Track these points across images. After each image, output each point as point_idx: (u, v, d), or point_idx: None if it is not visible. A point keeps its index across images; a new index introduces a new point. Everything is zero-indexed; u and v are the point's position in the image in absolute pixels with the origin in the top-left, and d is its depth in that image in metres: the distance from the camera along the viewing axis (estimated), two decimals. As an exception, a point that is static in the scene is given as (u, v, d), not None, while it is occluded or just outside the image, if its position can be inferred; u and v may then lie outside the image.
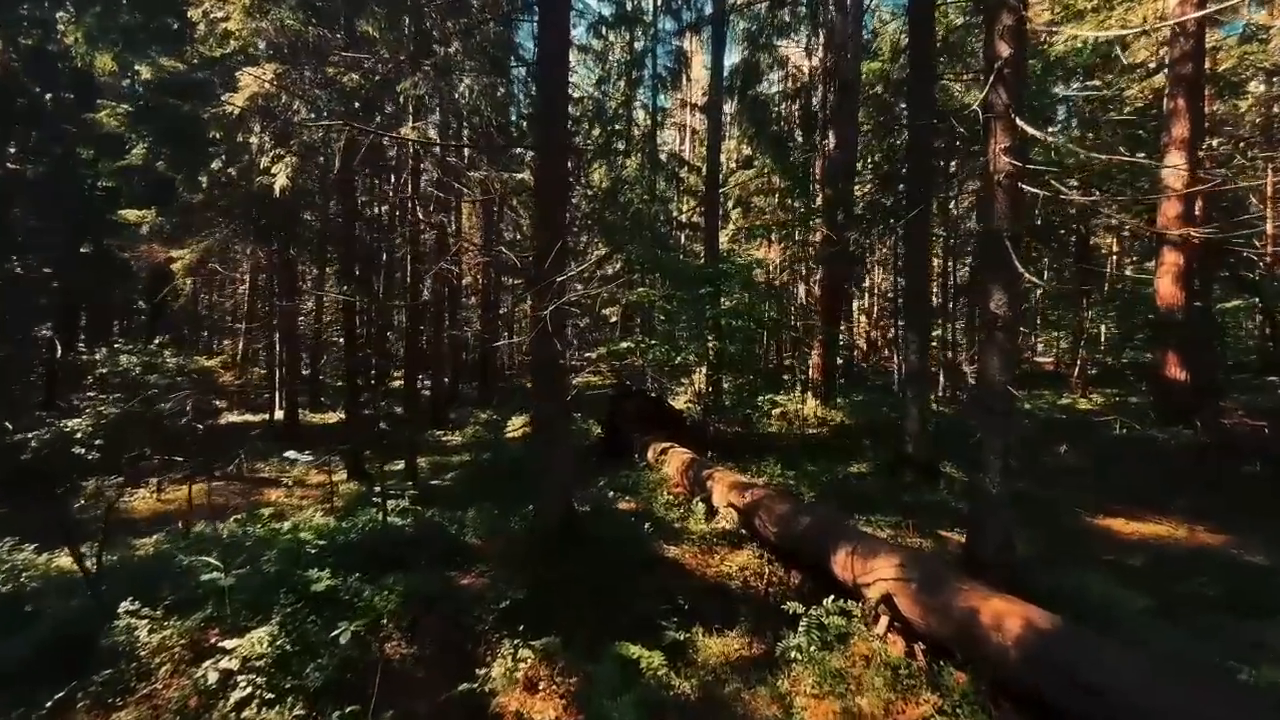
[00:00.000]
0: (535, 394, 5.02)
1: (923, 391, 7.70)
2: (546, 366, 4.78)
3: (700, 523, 6.09)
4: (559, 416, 4.82)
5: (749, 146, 19.78)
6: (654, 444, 8.62)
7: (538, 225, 5.04)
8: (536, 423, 4.75)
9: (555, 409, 4.79)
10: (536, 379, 4.93)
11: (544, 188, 4.91)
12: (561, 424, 4.86)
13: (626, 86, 21.29)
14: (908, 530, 6.06)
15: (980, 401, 4.41)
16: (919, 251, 7.58)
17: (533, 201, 7.60)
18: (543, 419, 4.87)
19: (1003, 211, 4.23)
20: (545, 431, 4.82)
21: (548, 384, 4.80)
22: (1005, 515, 4.32)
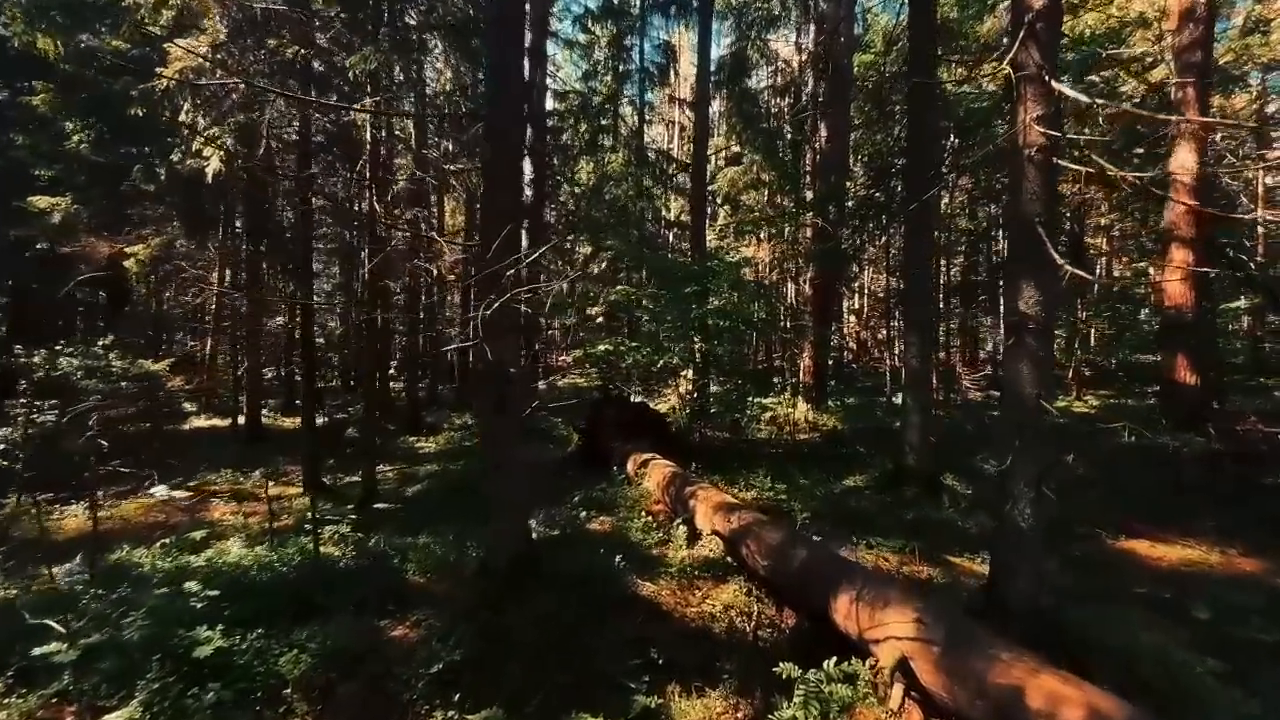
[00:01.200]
0: (483, 408, 4.24)
1: (924, 398, 7.00)
2: (495, 374, 4.00)
3: (681, 549, 5.34)
4: (511, 434, 4.05)
5: (738, 143, 19.08)
6: (635, 455, 7.86)
7: (484, 206, 4.26)
8: (485, 442, 3.95)
9: (506, 426, 4.02)
10: (483, 390, 4.15)
11: (493, 161, 4.12)
12: (514, 443, 4.09)
13: (613, 81, 20.52)
14: (913, 557, 5.35)
15: (1008, 418, 3.68)
16: (921, 245, 6.88)
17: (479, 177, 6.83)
18: (491, 438, 4.09)
19: (1035, 192, 3.51)
20: (495, 452, 4.05)
21: (499, 399, 4.02)
22: (1038, 556, 3.60)
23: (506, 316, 4.05)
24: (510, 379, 4.05)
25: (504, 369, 4.02)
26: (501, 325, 4.02)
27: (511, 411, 4.08)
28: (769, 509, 6.58)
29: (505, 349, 4.04)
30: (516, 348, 4.17)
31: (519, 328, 4.02)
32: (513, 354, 4.09)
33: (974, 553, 5.51)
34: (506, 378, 4.04)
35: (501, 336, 4.03)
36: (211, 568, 4.41)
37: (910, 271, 7.07)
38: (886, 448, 9.48)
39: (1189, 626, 4.14)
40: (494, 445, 4.06)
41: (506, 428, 4.04)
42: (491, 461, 4.08)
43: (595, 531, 5.88)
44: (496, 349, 4.03)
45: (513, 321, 4.05)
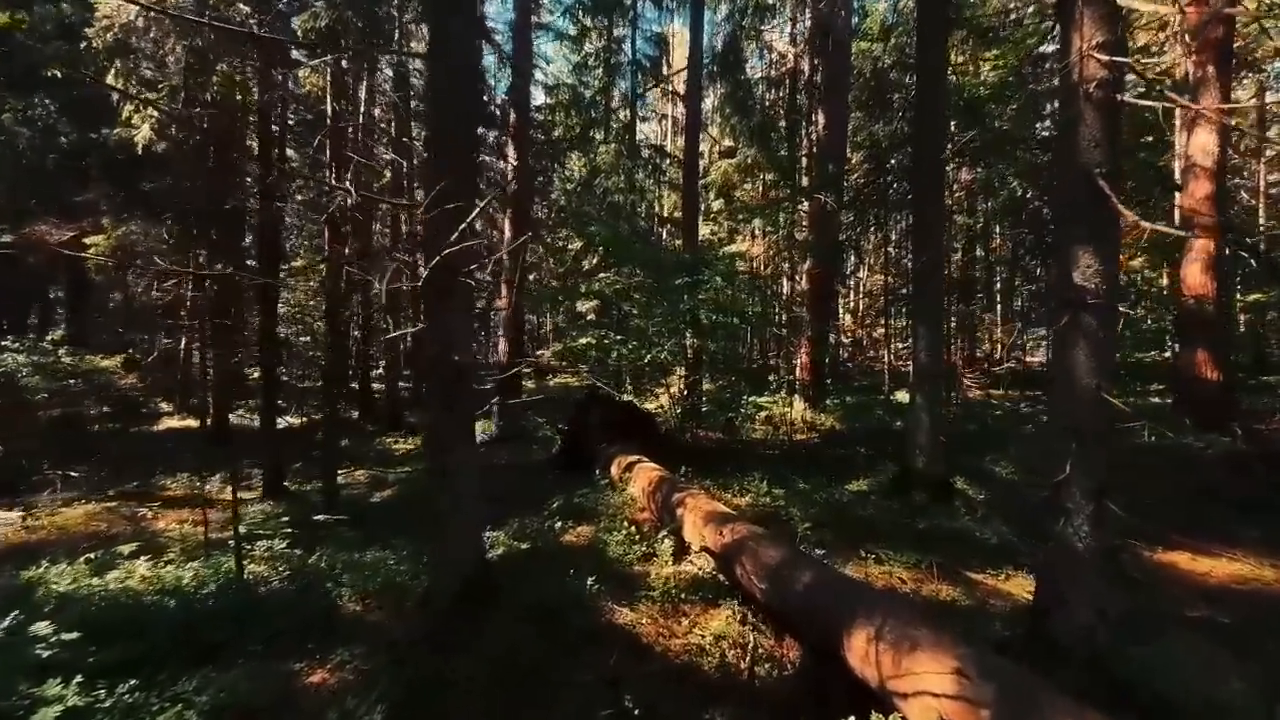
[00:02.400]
0: (431, 408, 3.52)
1: (935, 396, 6.32)
2: (444, 368, 3.29)
3: (666, 564, 4.64)
4: (460, 436, 3.34)
5: (731, 136, 18.41)
6: (620, 457, 7.15)
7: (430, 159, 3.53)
8: (429, 445, 3.23)
9: (455, 425, 3.31)
10: (431, 386, 3.43)
11: (439, 100, 3.40)
12: (464, 447, 3.37)
13: (604, 74, 19.82)
14: (930, 573, 4.65)
15: (1060, 416, 2.99)
16: (929, 228, 6.19)
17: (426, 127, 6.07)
18: (437, 439, 3.38)
19: (1094, 137, 2.82)
20: (441, 457, 3.33)
21: (446, 393, 3.31)
22: (1098, 584, 2.90)
23: (457, 296, 3.33)
24: (461, 369, 3.34)
25: (453, 357, 3.30)
26: (450, 305, 3.31)
27: (462, 408, 3.36)
28: (766, 518, 5.88)
29: (455, 333, 3.32)
30: (468, 332, 3.45)
31: (470, 307, 3.30)
32: (464, 339, 3.37)
33: (996, 567, 4.82)
34: (456, 367, 3.32)
35: (450, 318, 3.31)
36: (107, 595, 3.67)
37: (918, 258, 6.38)
38: (890, 449, 8.79)
39: (1263, 660, 3.46)
40: (440, 449, 3.34)
41: (455, 427, 3.33)
42: (436, 468, 3.36)
43: (571, 544, 5.17)
44: (444, 333, 3.32)
45: (464, 301, 3.33)
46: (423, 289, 3.20)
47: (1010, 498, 6.63)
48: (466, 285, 3.28)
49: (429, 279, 3.15)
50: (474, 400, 3.44)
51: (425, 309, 3.18)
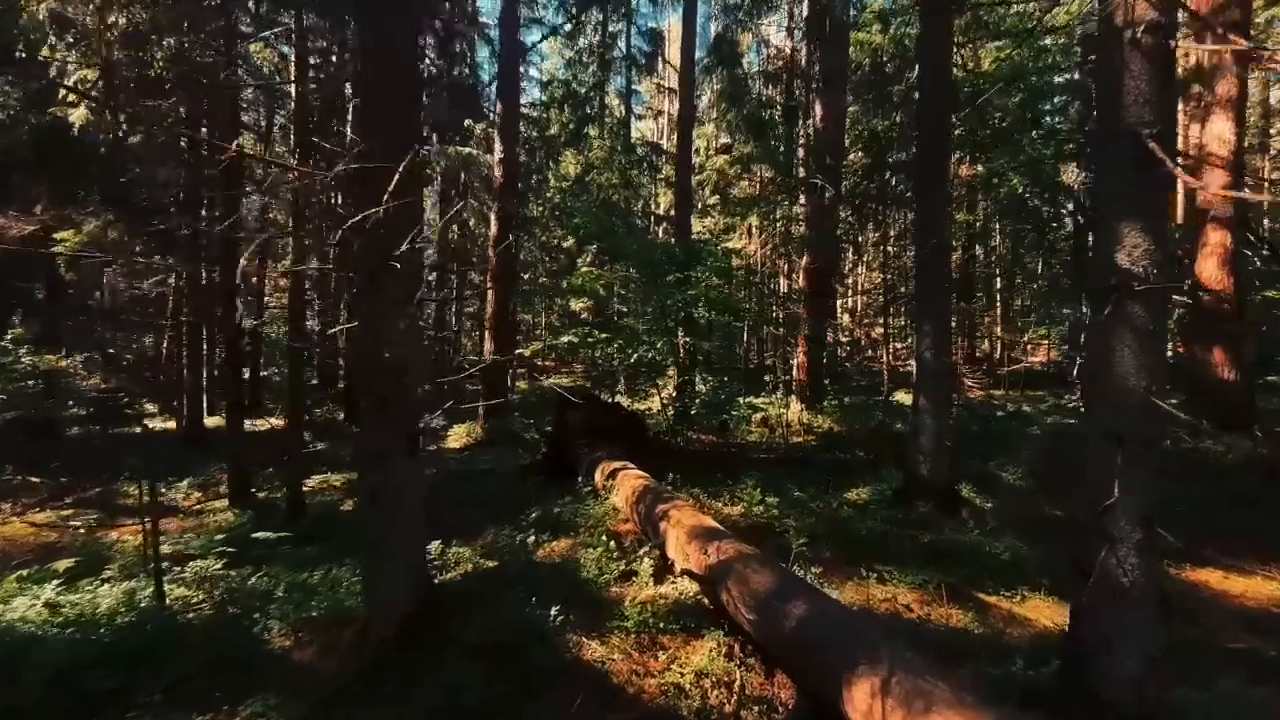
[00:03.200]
0: (361, 416, 3.02)
1: (940, 398, 5.83)
2: (375, 368, 2.80)
3: (646, 586, 4.15)
4: (398, 445, 2.84)
5: (727, 132, 17.93)
6: (605, 463, 6.65)
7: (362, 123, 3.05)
8: (361, 455, 2.72)
9: (390, 432, 2.82)
10: (361, 389, 2.94)
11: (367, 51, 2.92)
12: (403, 458, 2.87)
13: (599, 69, 19.35)
14: (939, 595, 4.16)
15: (1101, 423, 2.50)
16: (934, 218, 5.70)
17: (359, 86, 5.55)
18: (369, 449, 2.88)
19: (1141, 91, 2.33)
20: (376, 472, 2.84)
21: (378, 398, 2.82)
22: (1148, 627, 2.41)
23: (390, 282, 2.84)
24: (396, 369, 2.85)
25: (386, 354, 2.81)
26: (382, 293, 2.82)
27: (400, 412, 2.86)
28: (759, 530, 5.40)
29: (388, 326, 2.83)
30: (415, 323, 2.96)
31: (410, 296, 2.81)
32: (401, 333, 2.88)
33: (1010, 588, 4.33)
34: (390, 367, 2.83)
35: (382, 308, 2.82)
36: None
37: (920, 249, 5.90)
38: (890, 453, 8.31)
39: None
40: (371, 465, 2.85)
41: (390, 439, 2.84)
42: (369, 484, 2.87)
43: (545, 561, 4.68)
44: (374, 325, 2.83)
45: (400, 288, 2.84)
46: (353, 274, 2.70)
47: (1021, 507, 6.15)
48: (405, 270, 2.79)
49: (356, 262, 2.66)
50: (413, 407, 2.94)
51: (355, 297, 2.69)
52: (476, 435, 10.55)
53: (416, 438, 2.94)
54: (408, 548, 2.89)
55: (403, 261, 2.77)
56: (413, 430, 2.92)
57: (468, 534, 5.77)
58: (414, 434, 2.91)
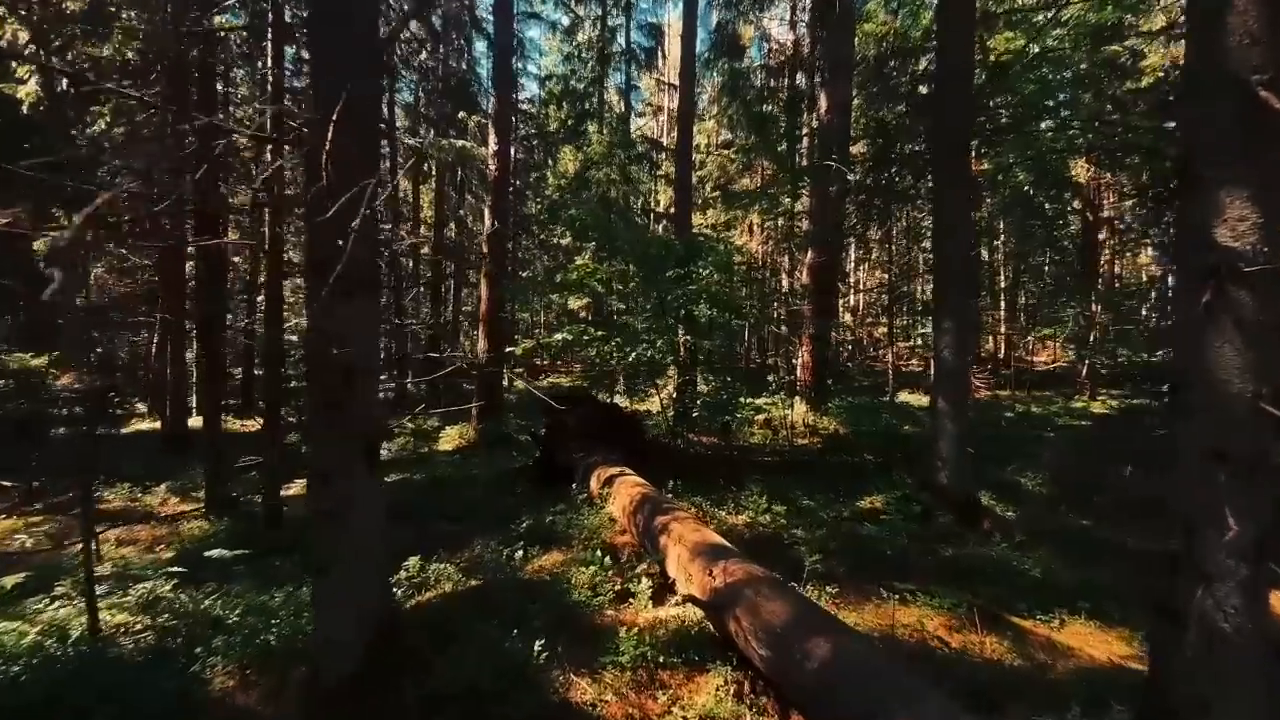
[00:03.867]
0: (310, 424, 2.58)
1: (961, 399, 5.39)
2: (327, 369, 2.36)
3: (644, 608, 3.71)
4: (353, 452, 2.40)
5: (729, 128, 17.50)
6: (601, 468, 6.22)
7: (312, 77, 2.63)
8: (312, 478, 2.27)
9: (344, 455, 2.37)
10: (311, 393, 2.49)
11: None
12: (358, 485, 2.43)
13: (597, 64, 18.91)
14: (970, 619, 3.71)
15: (1197, 435, 2.06)
16: (956, 203, 5.26)
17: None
18: (319, 473, 2.44)
19: (1248, 30, 1.90)
20: (326, 484, 2.40)
21: (330, 404, 2.38)
22: (1259, 682, 1.97)
23: (349, 267, 2.39)
24: (352, 371, 2.40)
25: (340, 354, 2.37)
26: (336, 283, 2.37)
27: (355, 417, 2.42)
28: (766, 542, 4.96)
29: (342, 321, 2.39)
30: (372, 316, 2.52)
31: (375, 283, 2.37)
32: (357, 330, 2.44)
33: (1046, 610, 3.89)
34: (345, 369, 2.38)
35: (336, 300, 2.38)
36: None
37: (940, 239, 5.46)
38: (900, 456, 7.89)
39: None
40: (323, 474, 2.41)
41: (343, 451, 2.39)
42: (318, 501, 2.43)
43: (533, 579, 4.23)
44: (326, 320, 2.39)
45: (359, 275, 2.40)
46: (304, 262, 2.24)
47: (1046, 518, 5.72)
48: (358, 254, 2.34)
49: (308, 248, 2.22)
50: (371, 411, 2.50)
51: (307, 289, 2.26)
52: (469, 437, 10.12)
53: (375, 447, 2.50)
54: (364, 576, 2.45)
55: (355, 244, 2.32)
56: (370, 438, 2.48)
57: (453, 545, 5.34)
58: (372, 443, 2.47)
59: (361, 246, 2.39)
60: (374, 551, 2.50)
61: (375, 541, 2.50)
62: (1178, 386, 2.06)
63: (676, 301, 7.02)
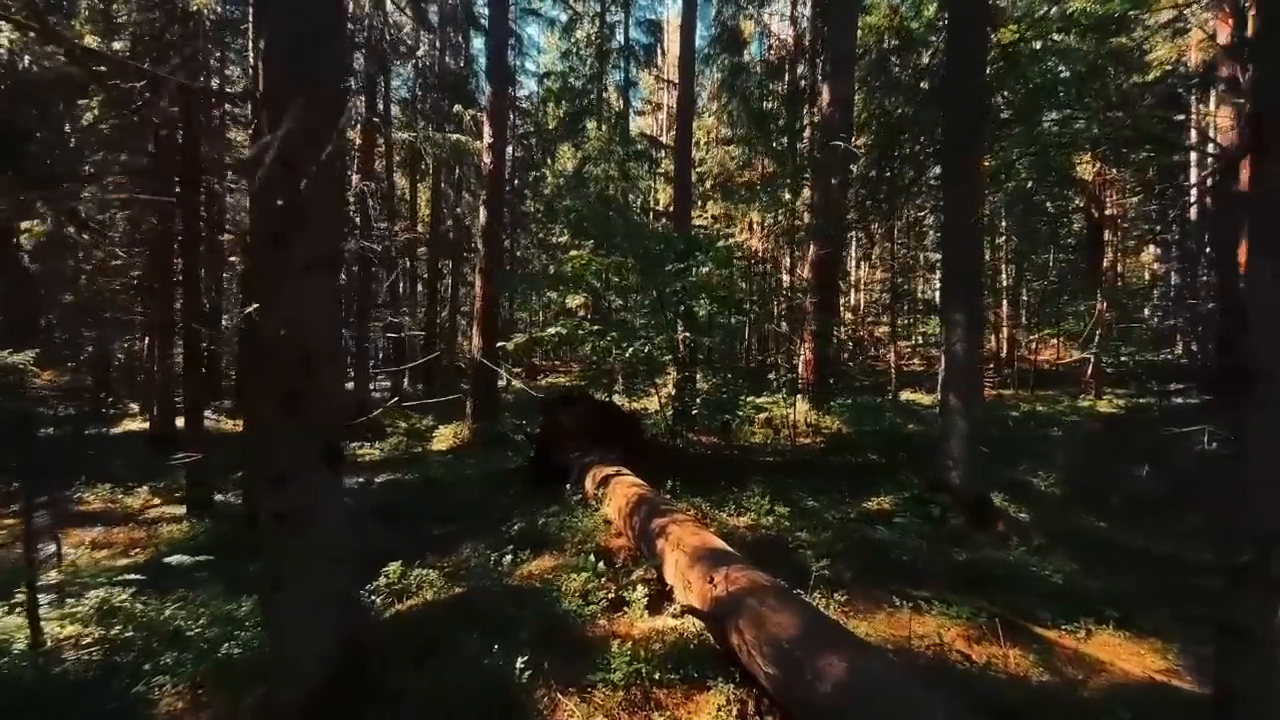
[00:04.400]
0: (259, 418, 2.29)
1: (973, 395, 5.12)
2: (280, 356, 2.09)
3: (639, 618, 3.44)
4: (310, 454, 2.13)
5: (729, 124, 17.23)
6: (596, 468, 5.94)
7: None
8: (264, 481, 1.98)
9: (300, 454, 2.10)
10: (261, 384, 2.20)
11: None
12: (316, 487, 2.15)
13: (596, 60, 18.67)
14: (991, 630, 3.43)
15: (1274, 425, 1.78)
16: (966, 189, 4.99)
17: None
18: (271, 474, 2.16)
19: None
20: (283, 498, 2.12)
21: (284, 396, 2.10)
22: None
23: (305, 241, 2.13)
24: (310, 359, 2.13)
25: (304, 331, 2.10)
26: (287, 260, 2.11)
27: (313, 413, 2.15)
28: (769, 545, 4.68)
29: (296, 303, 2.12)
30: (332, 296, 2.24)
31: (336, 259, 2.09)
32: (324, 306, 2.17)
33: (1070, 620, 3.62)
34: (301, 357, 2.11)
35: (288, 281, 2.11)
36: None
37: (949, 230, 5.18)
38: (905, 456, 7.62)
39: None
40: (281, 471, 2.13)
41: (300, 443, 2.12)
42: (270, 507, 2.15)
43: (521, 585, 3.96)
44: (278, 302, 2.12)
45: (316, 250, 2.12)
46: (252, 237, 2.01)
47: (1061, 519, 5.44)
48: (315, 227, 2.08)
49: (257, 217, 1.96)
50: (333, 407, 2.22)
51: (259, 265, 2.00)
52: (464, 436, 9.85)
53: (337, 446, 2.22)
54: (326, 589, 2.18)
55: (311, 212, 2.05)
56: (333, 433, 2.20)
57: (442, 549, 5.08)
58: (333, 441, 2.19)
59: (319, 216, 2.12)
60: (337, 561, 2.23)
61: (338, 550, 2.22)
62: (1255, 378, 1.78)
63: (675, 296, 6.75)
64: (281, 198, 2.05)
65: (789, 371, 10.94)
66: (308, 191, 2.06)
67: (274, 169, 2.01)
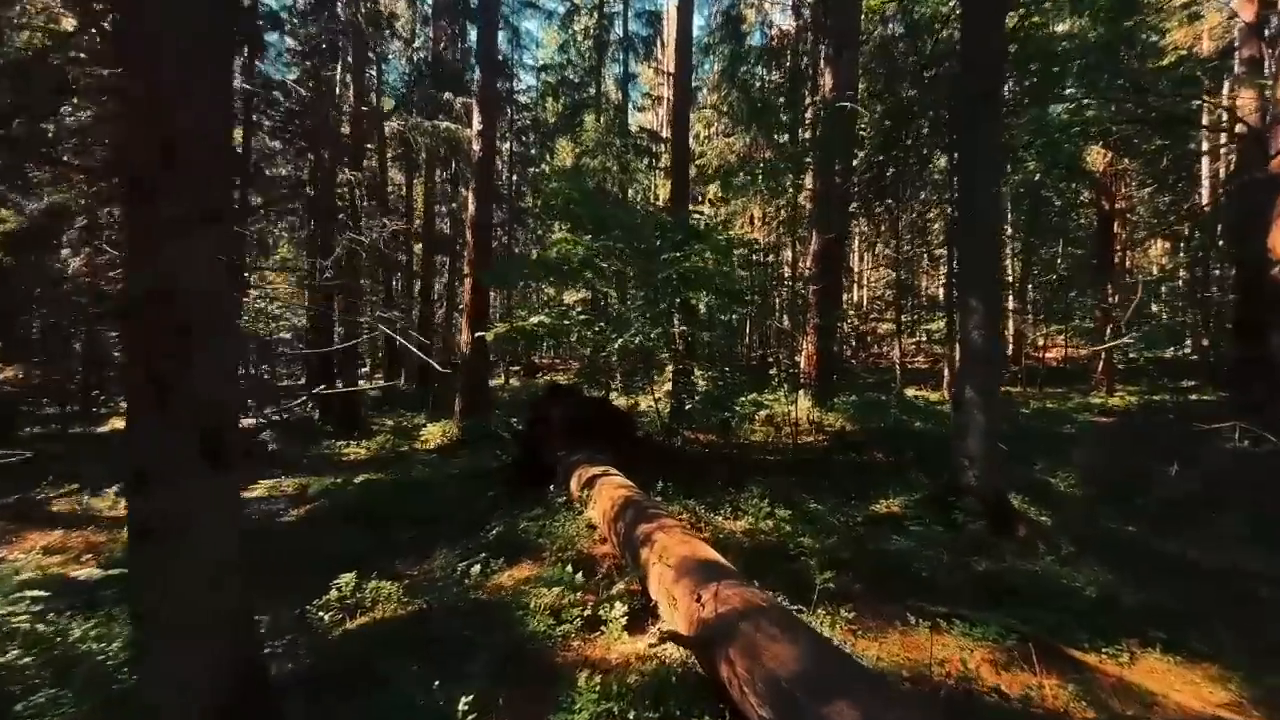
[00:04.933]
0: (128, 401, 1.84)
1: (991, 388, 4.65)
2: (152, 319, 1.64)
3: (617, 638, 2.99)
4: (192, 468, 1.69)
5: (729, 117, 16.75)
6: (582, 469, 5.48)
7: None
8: (129, 481, 1.51)
9: (180, 446, 1.66)
10: (134, 372, 1.75)
11: None
12: (201, 493, 1.71)
13: (594, 50, 18.22)
14: (1024, 654, 2.97)
15: None
16: (984, 163, 4.51)
17: None
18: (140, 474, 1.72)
19: None
20: (151, 502, 1.68)
21: (159, 379, 1.67)
22: None
23: (180, 188, 1.68)
24: (191, 324, 1.69)
25: (179, 297, 1.65)
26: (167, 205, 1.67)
27: (193, 391, 1.71)
28: (768, 553, 4.22)
29: (184, 255, 1.67)
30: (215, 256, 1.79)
31: (219, 212, 1.64)
32: (204, 267, 1.72)
33: (1111, 640, 3.14)
34: (180, 320, 1.67)
35: (165, 227, 1.67)
36: None
37: (966, 206, 4.71)
38: (913, 455, 7.15)
39: None
40: (146, 471, 1.70)
41: (175, 429, 1.68)
42: (138, 514, 1.71)
43: (489, 599, 3.51)
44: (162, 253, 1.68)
45: (194, 199, 1.68)
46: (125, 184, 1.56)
47: (1087, 524, 4.96)
48: (201, 174, 1.63)
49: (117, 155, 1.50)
50: (218, 392, 1.78)
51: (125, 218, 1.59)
52: (452, 435, 9.42)
53: (221, 439, 1.78)
54: (208, 621, 1.74)
55: (187, 157, 1.61)
56: (216, 425, 1.76)
57: (413, 555, 4.65)
58: (215, 433, 1.75)
59: (198, 158, 1.68)
60: (225, 584, 1.78)
61: (223, 568, 1.78)
62: None
63: (670, 285, 6.28)
64: (147, 133, 1.60)
65: (790, 366, 10.47)
66: (183, 125, 1.61)
67: (136, 95, 1.57)
